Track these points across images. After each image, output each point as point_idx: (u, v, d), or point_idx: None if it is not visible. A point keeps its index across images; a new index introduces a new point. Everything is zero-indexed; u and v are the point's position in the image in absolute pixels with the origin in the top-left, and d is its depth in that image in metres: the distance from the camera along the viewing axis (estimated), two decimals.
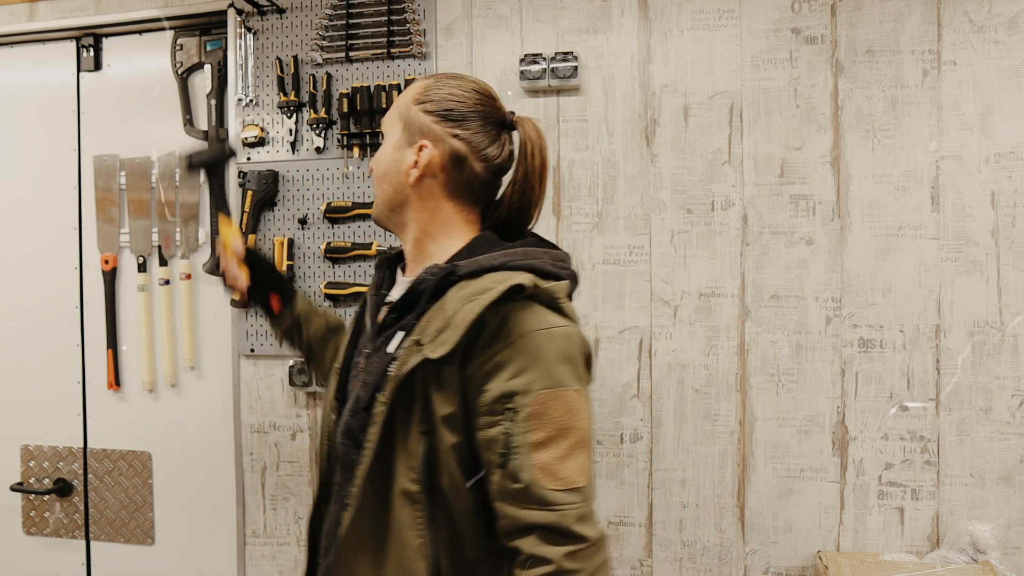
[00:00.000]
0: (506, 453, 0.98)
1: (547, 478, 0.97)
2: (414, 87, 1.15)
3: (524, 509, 0.97)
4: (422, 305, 1.05)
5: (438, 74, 1.17)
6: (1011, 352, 1.73)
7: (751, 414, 1.84)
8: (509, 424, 0.97)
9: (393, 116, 1.16)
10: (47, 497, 2.27)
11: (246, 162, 2.07)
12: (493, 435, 0.99)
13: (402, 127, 1.14)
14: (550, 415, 0.98)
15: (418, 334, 1.03)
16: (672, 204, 1.87)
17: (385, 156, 1.16)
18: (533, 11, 1.94)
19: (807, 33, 1.81)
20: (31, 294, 2.28)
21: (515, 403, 0.98)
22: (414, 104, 1.13)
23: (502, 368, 0.99)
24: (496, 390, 0.99)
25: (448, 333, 1.00)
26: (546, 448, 0.97)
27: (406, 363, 1.02)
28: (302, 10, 2.04)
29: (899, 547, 1.77)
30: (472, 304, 1.00)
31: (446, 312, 1.02)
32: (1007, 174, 1.73)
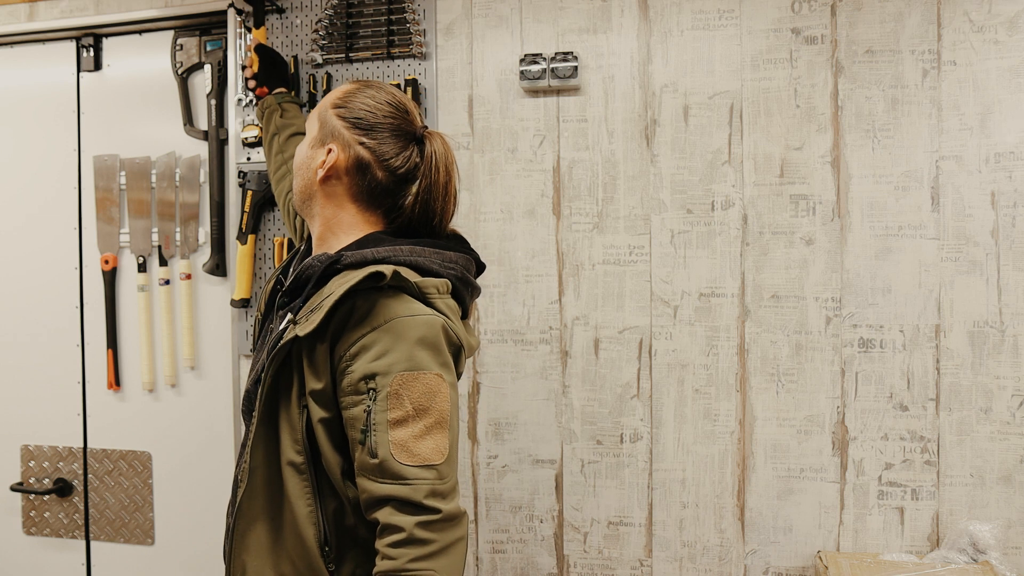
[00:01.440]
0: (366, 430, 1.05)
1: (402, 454, 1.04)
2: (337, 91, 1.24)
3: (379, 483, 1.04)
4: (308, 290, 1.14)
5: (362, 81, 1.27)
6: (1011, 352, 1.73)
7: (751, 414, 1.84)
8: (370, 403, 1.05)
9: (314, 114, 1.24)
10: (47, 497, 2.27)
11: (246, 162, 2.07)
12: (355, 413, 1.07)
13: (319, 127, 1.23)
14: (408, 395, 1.06)
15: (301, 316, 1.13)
16: (672, 204, 1.87)
17: (301, 151, 1.25)
18: (533, 11, 1.94)
19: (807, 33, 1.81)
20: (31, 294, 2.28)
21: (376, 383, 1.05)
22: (331, 108, 1.22)
23: (367, 350, 1.06)
24: (360, 371, 1.06)
25: (316, 314, 1.08)
26: (402, 426, 1.05)
27: (283, 341, 1.11)
28: (302, 10, 2.04)
29: (899, 547, 1.77)
30: (332, 291, 1.09)
31: (322, 296, 1.12)
32: (1007, 174, 1.73)
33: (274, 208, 2.06)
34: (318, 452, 1.11)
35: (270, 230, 2.06)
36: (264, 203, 2.05)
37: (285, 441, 1.11)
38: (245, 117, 2.07)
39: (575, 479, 1.93)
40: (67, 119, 2.26)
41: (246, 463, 1.13)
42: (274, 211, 2.06)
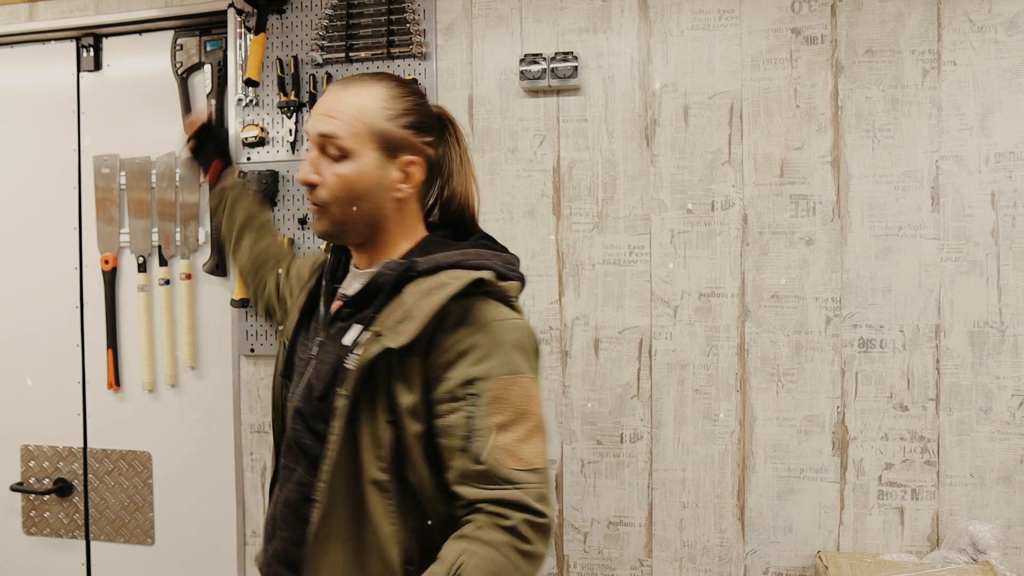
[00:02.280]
0: (468, 436, 1.01)
1: (509, 459, 1.00)
2: (369, 97, 1.12)
3: (485, 489, 0.99)
4: (381, 299, 1.08)
5: (377, 79, 1.15)
6: (1011, 352, 1.73)
7: (751, 414, 1.84)
8: (471, 408, 1.01)
9: (359, 132, 1.11)
10: (47, 497, 2.27)
11: (246, 162, 2.07)
12: (454, 420, 1.02)
13: (377, 144, 1.12)
14: (510, 400, 1.02)
15: (377, 327, 1.06)
16: (672, 204, 1.87)
17: (365, 174, 1.11)
18: (533, 11, 1.94)
19: (807, 33, 1.81)
20: (31, 294, 2.28)
21: (477, 388, 1.02)
22: (386, 120, 1.12)
23: (464, 356, 1.03)
24: (458, 377, 1.02)
25: (408, 324, 1.03)
26: (507, 431, 1.01)
27: (367, 354, 1.04)
28: (302, 10, 2.04)
29: (899, 547, 1.77)
30: (434, 296, 1.04)
31: (404, 305, 1.06)
32: (1007, 174, 1.73)
33: (274, 208, 2.06)
34: (403, 469, 1.06)
35: None
36: None
37: (367, 459, 1.05)
38: (245, 117, 2.07)
39: (575, 479, 1.93)
40: (67, 119, 2.26)
41: (324, 483, 1.06)
42: (274, 211, 2.06)
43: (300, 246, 2.04)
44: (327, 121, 1.11)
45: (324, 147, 1.12)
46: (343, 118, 1.10)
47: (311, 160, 1.13)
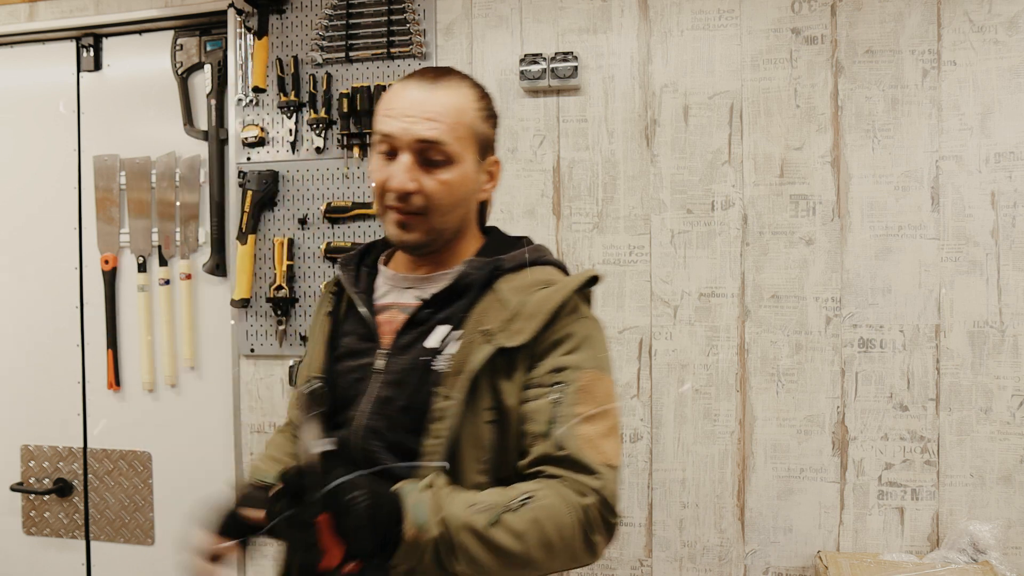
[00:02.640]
0: (552, 421, 0.98)
1: (591, 450, 0.98)
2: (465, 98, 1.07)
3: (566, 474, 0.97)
4: (471, 298, 1.06)
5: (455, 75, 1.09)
6: (1011, 352, 1.73)
7: (751, 414, 1.84)
8: (558, 395, 1.00)
9: (462, 136, 1.05)
10: (47, 497, 2.27)
11: (246, 162, 2.07)
12: (539, 405, 1.00)
13: (476, 147, 1.08)
14: (596, 394, 1.01)
15: (476, 325, 1.03)
16: (672, 204, 1.87)
17: (467, 179, 1.07)
18: (533, 11, 1.94)
19: (807, 33, 1.81)
20: (31, 294, 2.28)
21: (565, 376, 1.00)
22: (481, 120, 1.08)
23: (558, 346, 1.03)
24: (549, 364, 1.02)
25: (523, 322, 1.02)
26: (591, 423, 0.99)
27: (475, 355, 1.00)
28: (302, 10, 2.04)
29: (899, 547, 1.77)
30: (550, 294, 1.04)
31: (508, 302, 1.04)
32: (1007, 174, 1.73)
33: (274, 208, 2.06)
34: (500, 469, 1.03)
35: (270, 230, 2.06)
36: (264, 203, 2.05)
37: (468, 462, 1.01)
38: (245, 117, 2.07)
39: None
40: (67, 119, 2.26)
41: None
42: (274, 211, 2.06)
43: (299, 246, 2.04)
44: (429, 125, 1.02)
45: (424, 152, 1.03)
46: (446, 121, 1.03)
47: (407, 167, 1.03)
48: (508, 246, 1.13)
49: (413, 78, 1.07)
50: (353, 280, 1.16)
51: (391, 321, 1.10)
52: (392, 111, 1.05)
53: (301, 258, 2.05)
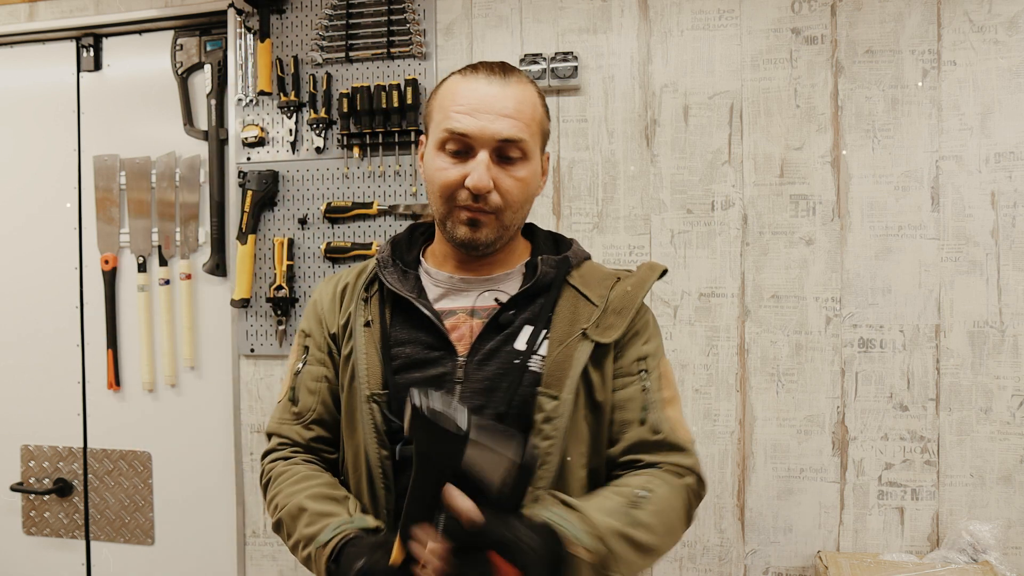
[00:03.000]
0: (646, 408, 1.04)
1: (680, 430, 1.05)
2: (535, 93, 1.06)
3: (662, 456, 1.02)
4: (552, 297, 1.06)
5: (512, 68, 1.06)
6: (1011, 352, 1.73)
7: (751, 414, 1.84)
8: (645, 383, 1.05)
9: (534, 132, 1.04)
10: (47, 497, 2.27)
11: (246, 162, 2.07)
12: (630, 393, 1.04)
13: (542, 143, 1.08)
14: (669, 379, 1.08)
15: (566, 323, 1.04)
16: (672, 204, 1.87)
17: (536, 175, 1.07)
18: (533, 11, 1.94)
19: (807, 33, 1.81)
20: (31, 294, 2.28)
21: (647, 365, 1.06)
22: (546, 116, 1.08)
23: (637, 336, 1.07)
24: (632, 354, 1.06)
25: (613, 318, 1.04)
26: (672, 406, 1.06)
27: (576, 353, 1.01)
28: (302, 10, 2.04)
29: (899, 547, 1.77)
30: (631, 289, 1.07)
31: (590, 299, 1.06)
32: (1007, 174, 1.73)
33: (274, 208, 2.06)
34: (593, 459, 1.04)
35: (270, 230, 2.06)
36: (264, 203, 2.05)
37: (575, 458, 1.01)
38: (245, 117, 2.07)
39: None
40: (67, 119, 2.26)
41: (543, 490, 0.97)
42: (274, 211, 2.06)
43: (299, 246, 2.04)
44: (510, 123, 1.00)
45: (501, 150, 1.01)
46: (524, 119, 1.02)
47: (488, 165, 1.00)
48: (552, 240, 1.14)
49: (479, 72, 1.04)
50: (401, 283, 1.08)
51: (461, 327, 1.06)
52: (465, 107, 1.01)
53: (301, 258, 2.05)
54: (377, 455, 1.03)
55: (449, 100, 1.03)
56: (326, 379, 1.11)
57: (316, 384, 1.11)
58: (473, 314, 1.06)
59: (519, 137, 1.01)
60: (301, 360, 1.13)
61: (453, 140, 1.02)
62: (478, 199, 1.01)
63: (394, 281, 1.08)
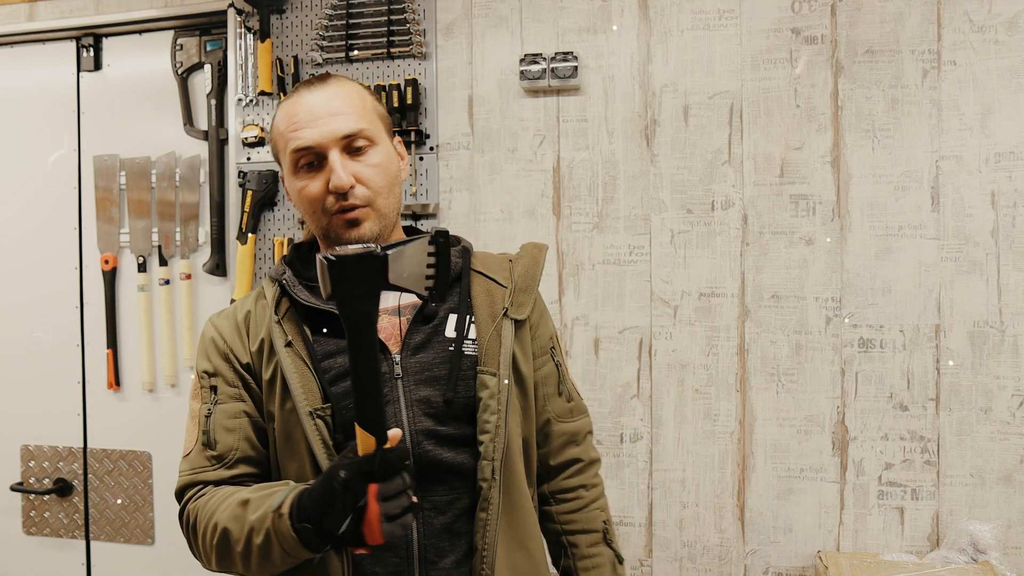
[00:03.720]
0: (561, 380, 1.19)
1: (576, 391, 1.23)
2: (357, 86, 1.10)
3: (575, 421, 1.20)
4: (466, 284, 1.12)
5: (330, 77, 1.11)
6: (1011, 352, 1.73)
7: (751, 414, 1.84)
8: (556, 358, 1.20)
9: (372, 119, 1.07)
10: (47, 497, 2.27)
11: (246, 162, 2.07)
12: (549, 370, 1.18)
13: (385, 126, 1.12)
14: (561, 344, 1.24)
15: (484, 307, 1.11)
16: (672, 204, 1.87)
17: (391, 157, 1.09)
18: (533, 11, 1.94)
19: (807, 33, 1.81)
20: (31, 294, 2.28)
21: (555, 341, 1.21)
22: (377, 102, 1.13)
23: (543, 317, 1.20)
24: (547, 332, 1.19)
25: (523, 296, 1.13)
26: (569, 370, 1.24)
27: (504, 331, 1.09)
28: (302, 10, 2.04)
29: (899, 547, 1.77)
30: (528, 268, 1.16)
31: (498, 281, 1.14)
32: (1007, 174, 1.73)
33: (274, 208, 2.06)
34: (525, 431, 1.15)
35: (270, 230, 2.06)
36: (264, 203, 2.05)
37: (512, 428, 1.08)
38: (245, 117, 2.07)
39: None
40: (67, 119, 2.26)
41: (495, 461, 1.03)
42: (274, 211, 2.06)
43: None
44: (343, 118, 1.04)
45: (348, 146, 1.04)
46: (355, 110, 1.05)
47: (341, 163, 1.02)
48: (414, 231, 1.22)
49: (300, 90, 1.08)
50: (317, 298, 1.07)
51: (385, 326, 1.07)
52: (299, 123, 1.04)
53: None
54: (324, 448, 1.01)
55: (284, 124, 1.07)
56: (245, 414, 1.07)
57: (234, 421, 1.07)
58: (399, 312, 1.09)
59: (358, 128, 1.05)
60: (210, 403, 1.08)
61: (303, 156, 1.04)
62: (346, 197, 1.03)
63: (308, 297, 1.07)
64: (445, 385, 1.05)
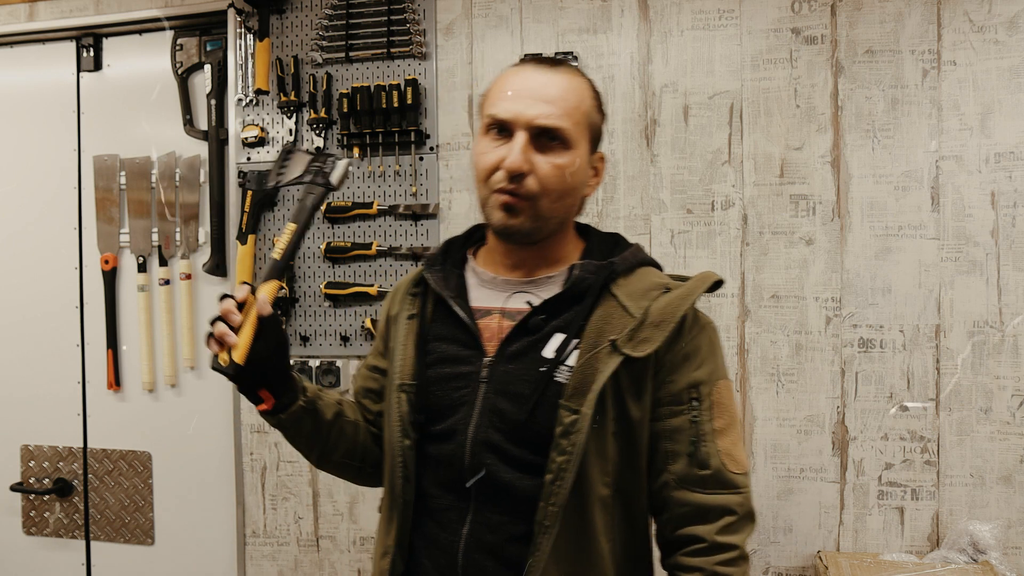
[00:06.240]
0: (696, 441, 1.00)
1: (732, 463, 1.01)
2: (580, 86, 1.05)
3: (710, 494, 1.00)
4: (588, 304, 1.02)
5: (568, 65, 1.06)
6: (1011, 352, 1.73)
7: (751, 414, 1.84)
8: (695, 413, 1.01)
9: (577, 122, 1.03)
10: (47, 497, 2.27)
11: (246, 162, 2.07)
12: (678, 424, 1.01)
13: (590, 136, 1.05)
14: (726, 404, 1.03)
15: (597, 334, 1.00)
16: (672, 204, 1.87)
17: (580, 167, 1.04)
18: (533, 11, 1.94)
19: (807, 33, 1.81)
20: (31, 294, 2.28)
21: (699, 392, 1.02)
22: (596, 110, 1.06)
23: (689, 359, 1.02)
24: (683, 381, 1.02)
25: (650, 331, 1.00)
26: (726, 435, 1.02)
27: (602, 367, 0.98)
28: (302, 10, 2.04)
29: (899, 547, 1.77)
30: (674, 301, 1.02)
31: (629, 309, 1.01)
32: (1007, 174, 1.73)
33: (274, 208, 2.06)
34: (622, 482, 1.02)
35: (270, 230, 2.06)
36: (264, 203, 2.05)
37: (595, 476, 0.99)
38: (245, 117, 2.07)
39: None
40: (67, 119, 2.26)
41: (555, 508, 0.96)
42: (274, 211, 2.06)
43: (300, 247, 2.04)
44: (548, 108, 1.00)
45: (540, 134, 1.01)
46: (565, 107, 1.01)
47: (523, 147, 0.99)
48: (609, 246, 1.10)
49: (528, 63, 1.05)
50: (443, 282, 1.10)
51: (493, 327, 1.06)
52: (508, 93, 1.02)
53: (301, 258, 2.05)
54: (400, 444, 1.05)
55: (496, 90, 1.05)
56: (371, 368, 1.21)
57: (361, 371, 1.23)
58: (504, 315, 1.06)
59: (555, 125, 1.01)
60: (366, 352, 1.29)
61: (494, 125, 1.03)
62: (515, 180, 1.00)
63: (437, 280, 1.10)
64: (523, 407, 1.00)
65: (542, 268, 1.08)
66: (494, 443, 1.01)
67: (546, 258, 1.08)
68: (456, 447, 1.02)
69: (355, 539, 2.05)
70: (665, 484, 1.02)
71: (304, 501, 2.07)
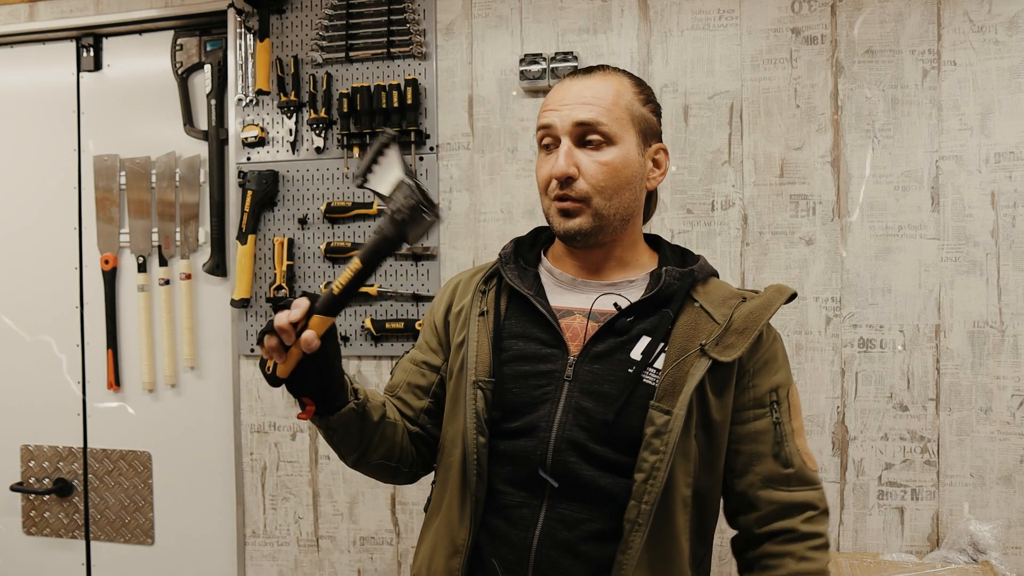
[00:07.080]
0: (780, 442, 1.06)
1: (809, 460, 1.08)
2: (618, 83, 1.07)
3: (794, 491, 1.06)
4: (674, 309, 1.05)
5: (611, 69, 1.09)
6: (1011, 352, 1.73)
7: None
8: (776, 415, 1.07)
9: (619, 116, 1.05)
10: (47, 497, 2.27)
11: (246, 162, 2.07)
12: (761, 426, 1.07)
13: (637, 128, 1.07)
14: (798, 408, 1.10)
15: (684, 339, 1.04)
16: (672, 204, 1.87)
17: (630, 161, 1.06)
18: (533, 11, 1.94)
19: (807, 33, 1.81)
20: (31, 294, 2.28)
21: (778, 396, 1.08)
22: (640, 104, 1.08)
23: (768, 364, 1.08)
24: (766, 384, 1.07)
25: (735, 338, 1.04)
26: (800, 435, 1.09)
27: (693, 370, 1.01)
28: (302, 10, 2.04)
29: (899, 547, 1.77)
30: (756, 310, 1.06)
31: (713, 316, 1.06)
32: (1007, 174, 1.73)
33: (274, 208, 2.06)
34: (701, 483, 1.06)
35: (270, 230, 2.06)
36: (264, 203, 2.05)
37: (679, 476, 1.02)
38: (245, 117, 2.07)
39: None
40: (67, 119, 2.26)
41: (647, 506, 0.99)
42: (274, 211, 2.06)
43: (299, 246, 2.04)
44: (584, 108, 1.03)
45: (582, 136, 1.04)
46: (602, 103, 1.04)
47: (567, 152, 1.03)
48: (679, 254, 1.15)
49: (570, 75, 1.10)
50: (519, 280, 1.12)
51: (575, 326, 1.08)
52: (550, 105, 1.07)
53: (301, 258, 2.05)
54: (474, 441, 1.05)
55: (545, 102, 1.09)
56: (421, 363, 1.19)
57: (410, 365, 1.20)
58: (590, 316, 1.08)
59: (595, 120, 1.03)
60: (412, 344, 1.28)
61: (543, 136, 1.07)
62: (566, 185, 1.04)
63: (514, 277, 1.12)
64: (610, 406, 1.02)
65: (618, 272, 1.12)
66: (577, 441, 1.02)
67: (621, 262, 1.12)
68: (537, 444, 1.04)
69: (355, 539, 2.05)
70: (751, 484, 1.06)
71: (304, 501, 2.07)
